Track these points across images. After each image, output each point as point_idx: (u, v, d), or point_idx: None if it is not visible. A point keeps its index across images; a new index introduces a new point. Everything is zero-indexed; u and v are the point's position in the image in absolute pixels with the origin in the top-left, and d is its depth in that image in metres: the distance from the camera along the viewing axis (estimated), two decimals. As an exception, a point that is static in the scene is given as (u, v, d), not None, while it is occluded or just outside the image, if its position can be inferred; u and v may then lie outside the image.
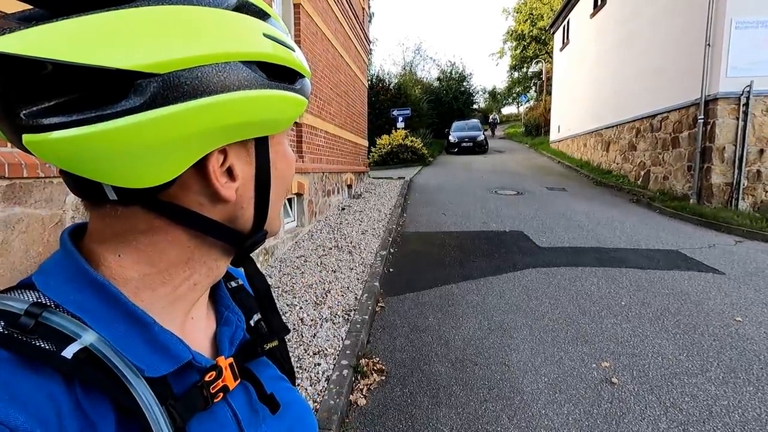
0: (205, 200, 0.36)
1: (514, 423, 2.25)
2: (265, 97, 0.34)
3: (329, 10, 7.20)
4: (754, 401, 2.37)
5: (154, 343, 0.36)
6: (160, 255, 0.36)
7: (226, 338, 0.45)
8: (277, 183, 0.41)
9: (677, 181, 8.50)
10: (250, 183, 0.38)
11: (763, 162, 7.11)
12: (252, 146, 0.38)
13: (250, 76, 0.33)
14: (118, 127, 0.29)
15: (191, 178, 0.35)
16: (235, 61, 0.32)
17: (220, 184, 0.35)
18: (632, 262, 4.70)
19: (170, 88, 0.30)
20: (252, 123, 0.35)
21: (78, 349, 0.31)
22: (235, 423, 0.40)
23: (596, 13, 13.23)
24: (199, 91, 0.30)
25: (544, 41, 30.02)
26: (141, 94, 0.29)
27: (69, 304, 0.34)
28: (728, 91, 7.10)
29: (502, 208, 7.73)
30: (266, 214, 0.41)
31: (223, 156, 0.36)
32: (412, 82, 23.53)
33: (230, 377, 0.41)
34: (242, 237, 0.40)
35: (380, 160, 15.44)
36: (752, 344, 2.96)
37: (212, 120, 0.32)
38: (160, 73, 0.29)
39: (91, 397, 0.32)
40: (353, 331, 3.07)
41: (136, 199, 0.34)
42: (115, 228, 0.36)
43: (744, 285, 4.05)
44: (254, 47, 0.34)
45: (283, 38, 0.37)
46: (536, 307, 3.62)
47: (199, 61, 0.30)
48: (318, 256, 4.79)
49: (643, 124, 9.95)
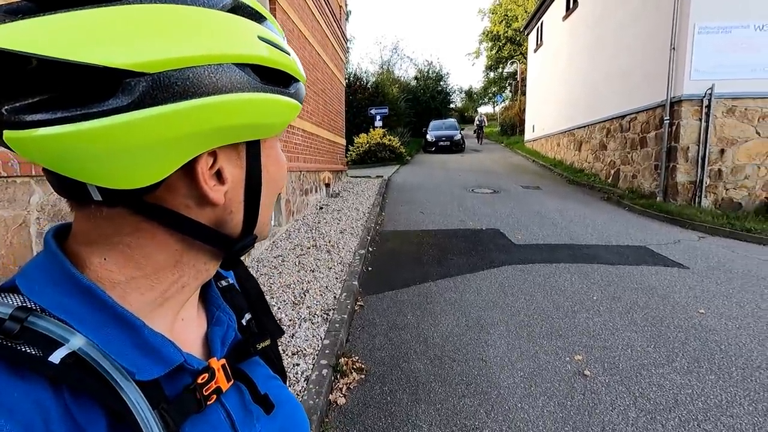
0: (193, 203, 0.35)
1: (492, 417, 2.29)
2: (258, 100, 0.34)
3: (306, 7, 7.14)
4: (715, 389, 2.49)
5: (144, 347, 0.35)
6: (147, 258, 0.36)
7: (218, 339, 0.44)
8: (268, 187, 0.40)
9: (645, 180, 8.82)
10: (240, 187, 0.38)
11: (723, 161, 7.46)
12: (243, 149, 0.37)
13: (244, 79, 0.33)
14: (104, 126, 0.28)
15: (179, 180, 0.34)
16: (229, 63, 0.32)
17: (208, 187, 0.35)
18: (603, 258, 4.85)
19: (160, 88, 0.29)
20: (244, 126, 0.34)
21: (66, 354, 0.31)
22: (229, 424, 0.40)
23: (568, 15, 13.57)
24: (190, 93, 0.30)
25: (518, 42, 30.61)
26: (129, 94, 0.28)
27: (55, 307, 0.33)
28: (692, 93, 7.42)
29: (479, 206, 7.84)
30: (256, 218, 0.40)
31: (213, 158, 0.35)
32: (389, 81, 23.58)
33: (223, 379, 0.40)
34: (231, 241, 0.39)
35: (358, 158, 15.41)
36: (714, 335, 3.12)
37: (202, 122, 0.31)
38: (150, 73, 0.29)
39: (81, 403, 0.31)
40: (332, 330, 3.06)
41: (122, 200, 0.33)
42: (101, 230, 0.35)
43: (706, 279, 4.25)
44: (248, 50, 0.33)
45: (279, 42, 0.37)
46: (512, 303, 3.70)
47: (191, 61, 0.30)
48: (296, 256, 4.75)
49: (613, 124, 10.28)
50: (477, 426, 2.23)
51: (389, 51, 45.06)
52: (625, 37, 9.68)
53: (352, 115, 16.30)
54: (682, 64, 7.48)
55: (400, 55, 44.53)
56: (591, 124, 11.63)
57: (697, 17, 7.29)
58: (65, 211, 2.23)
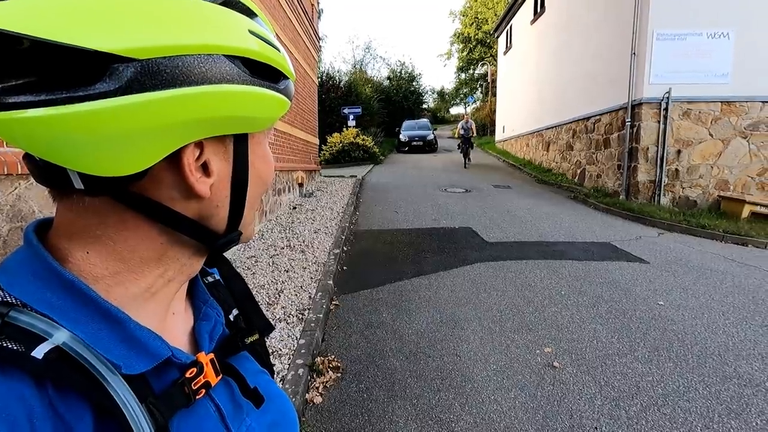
0: (178, 195, 0.35)
1: (466, 410, 2.35)
2: (246, 93, 0.33)
3: (278, 5, 7.05)
4: (674, 376, 2.64)
5: (130, 341, 0.34)
6: (131, 252, 0.35)
7: (205, 333, 0.44)
8: (255, 184, 0.40)
9: (609, 179, 9.20)
10: (226, 181, 0.37)
11: (680, 161, 7.88)
12: (230, 143, 0.36)
13: (233, 71, 0.32)
14: (89, 111, 0.27)
15: (164, 170, 0.33)
16: (218, 54, 0.32)
17: (194, 178, 0.34)
18: (570, 255, 5.04)
19: (148, 75, 0.29)
20: (231, 118, 0.34)
21: (49, 349, 0.30)
22: (218, 418, 0.40)
23: (536, 20, 13.97)
24: (179, 81, 0.30)
25: (489, 44, 31.23)
26: (117, 79, 0.28)
27: (38, 302, 0.32)
28: (651, 96, 7.80)
29: (452, 205, 7.97)
30: (242, 214, 0.39)
31: (199, 150, 0.34)
32: (362, 81, 23.59)
33: (212, 373, 0.40)
34: (215, 236, 0.39)
35: (332, 158, 15.34)
36: (672, 325, 3.30)
37: (189, 111, 0.31)
38: (139, 59, 0.28)
39: (66, 398, 0.30)
40: (308, 330, 3.05)
41: (105, 189, 0.32)
42: (83, 222, 0.34)
43: (665, 272, 4.49)
44: (239, 42, 0.33)
45: (269, 37, 0.37)
46: (485, 299, 3.79)
47: (181, 50, 0.30)
48: (269, 256, 4.69)
49: (579, 125, 10.67)
50: (452, 419, 2.28)
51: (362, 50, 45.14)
52: (589, 42, 10.06)
53: (325, 115, 16.20)
54: (642, 69, 7.85)
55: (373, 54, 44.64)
56: (558, 126, 12.02)
57: (655, 24, 7.67)
58: (25, 212, 2.13)
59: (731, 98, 7.64)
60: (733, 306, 3.66)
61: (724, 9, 7.48)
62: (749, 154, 7.76)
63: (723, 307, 3.64)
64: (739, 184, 7.81)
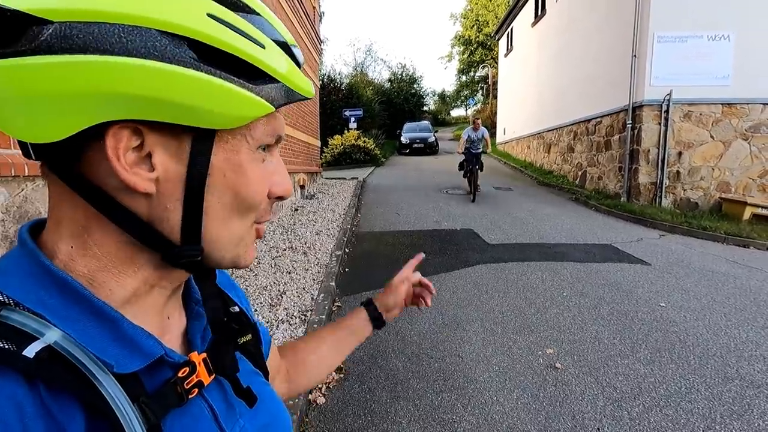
0: (119, 185, 0.32)
1: (468, 411, 2.36)
2: (185, 76, 0.30)
3: (279, 7, 7.09)
4: (675, 377, 2.65)
5: (123, 340, 0.34)
6: (100, 248, 0.34)
7: (197, 333, 0.44)
8: (220, 193, 0.35)
9: (610, 181, 9.21)
10: (179, 181, 0.34)
11: (681, 163, 7.89)
12: (188, 141, 0.33)
13: (167, 49, 0.30)
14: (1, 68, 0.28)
15: (97, 152, 0.32)
16: (148, 28, 0.29)
17: (121, 165, 0.31)
18: (572, 256, 5.04)
19: (59, 38, 0.28)
20: (165, 103, 0.30)
21: (41, 348, 0.29)
22: (211, 418, 0.39)
23: (537, 22, 14.00)
24: (91, 48, 0.28)
25: (489, 47, 31.31)
26: (31, 40, 0.28)
27: (30, 301, 0.31)
28: (652, 98, 7.81)
29: (453, 207, 7.98)
30: (199, 224, 0.35)
31: (140, 140, 0.32)
32: (363, 83, 23.66)
33: (204, 372, 0.39)
34: (170, 244, 0.35)
35: (333, 160, 15.37)
36: (674, 326, 3.30)
37: (102, 82, 0.29)
38: (52, 21, 0.28)
39: (57, 398, 0.30)
40: (310, 331, 3.06)
41: (50, 163, 0.34)
42: (61, 208, 0.35)
43: (666, 274, 4.49)
44: (184, 21, 0.30)
45: (254, 33, 0.34)
46: (487, 300, 3.80)
47: (100, 16, 0.28)
48: (272, 258, 4.70)
49: (580, 127, 10.68)
50: (455, 420, 2.29)
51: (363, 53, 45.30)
52: (590, 44, 10.08)
53: (326, 117, 16.25)
54: (642, 71, 7.86)
55: (374, 57, 44.71)
56: (559, 128, 12.04)
57: (656, 27, 7.69)
58: (31, 213, 2.15)
59: (732, 100, 7.65)
60: (734, 308, 3.66)
61: (724, 11, 7.50)
62: (750, 156, 7.76)
63: (725, 308, 3.65)
64: (740, 185, 7.81)
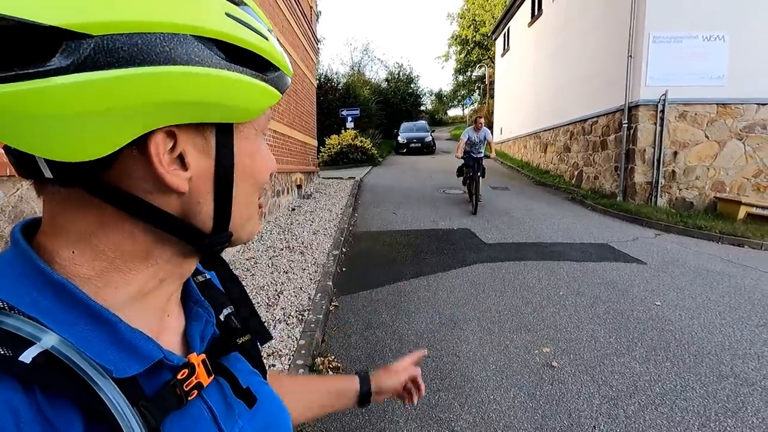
0: (152, 188, 0.33)
1: (465, 409, 2.37)
2: (220, 77, 0.31)
3: (276, 8, 7.08)
4: (671, 375, 2.67)
5: (121, 343, 0.33)
6: (114, 249, 0.34)
7: (196, 334, 0.43)
8: (243, 181, 0.38)
9: (606, 181, 9.25)
10: (208, 176, 0.35)
11: (677, 163, 7.93)
12: (212, 136, 0.34)
13: (203, 53, 0.30)
14: (40, 89, 0.26)
15: (133, 160, 0.31)
16: (186, 34, 0.30)
17: (164, 169, 0.32)
18: (568, 255, 5.06)
19: (103, 52, 0.27)
20: (203, 104, 0.31)
21: (37, 353, 0.29)
22: (211, 419, 0.39)
23: (533, 22, 14.04)
24: (137, 60, 0.28)
25: (486, 47, 31.36)
26: (69, 56, 0.26)
27: (25, 305, 0.31)
28: (648, 98, 7.85)
29: (451, 206, 8.00)
30: (229, 213, 0.37)
31: (173, 141, 0.32)
32: (360, 83, 23.67)
33: (203, 374, 0.39)
34: (201, 235, 0.37)
35: (330, 160, 15.36)
36: (669, 325, 3.33)
37: (150, 93, 0.29)
38: (93, 35, 0.27)
39: (55, 403, 0.30)
40: (308, 330, 3.06)
41: (75, 178, 0.31)
42: (65, 217, 0.33)
43: (662, 273, 4.52)
44: (211, 24, 0.31)
45: (255, 24, 0.35)
46: (483, 300, 3.81)
47: (141, 27, 0.28)
48: (269, 258, 4.70)
49: (576, 127, 10.72)
50: (452, 419, 2.30)
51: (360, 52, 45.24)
52: (586, 44, 10.12)
53: (323, 116, 16.23)
54: (638, 71, 7.90)
55: (371, 56, 44.77)
56: (555, 127, 12.08)
57: (651, 27, 7.73)
58: (27, 213, 2.14)
59: (727, 100, 7.70)
60: (729, 306, 3.69)
61: (719, 12, 7.54)
62: (745, 155, 7.81)
63: (719, 307, 3.67)
64: (735, 185, 7.86)
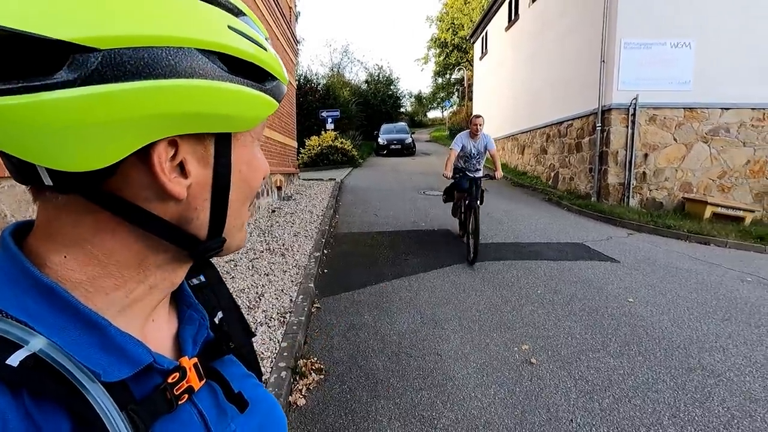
0: (152, 195, 0.33)
1: (448, 407, 2.40)
2: (223, 90, 0.32)
3: (255, 7, 7.01)
4: (643, 368, 2.77)
5: (110, 347, 0.33)
6: (109, 256, 0.34)
7: (189, 337, 0.43)
8: (239, 189, 0.38)
9: (581, 182, 9.51)
10: (206, 183, 0.35)
11: (647, 165, 8.23)
12: (211, 144, 0.35)
13: (207, 66, 0.31)
14: (47, 101, 0.26)
15: (135, 168, 0.32)
16: (190, 48, 0.30)
17: (166, 177, 0.32)
18: (545, 255, 5.18)
19: (110, 66, 0.27)
20: (206, 116, 0.32)
21: (25, 356, 0.29)
22: (201, 424, 0.39)
23: (510, 27, 14.32)
24: (144, 73, 0.28)
25: (465, 50, 31.76)
26: (77, 69, 0.27)
27: (13, 308, 0.31)
28: (620, 102, 8.13)
29: (431, 207, 8.07)
30: (224, 219, 0.38)
31: (174, 149, 0.33)
32: (340, 84, 23.62)
33: (195, 378, 0.39)
34: (196, 241, 0.37)
35: (310, 161, 15.27)
36: (641, 321, 3.45)
37: (156, 106, 0.29)
38: (100, 49, 0.27)
39: (42, 407, 0.29)
40: (290, 332, 3.05)
41: (75, 186, 0.31)
42: (59, 223, 0.33)
43: (634, 271, 4.68)
44: (215, 37, 0.32)
45: (255, 36, 0.35)
46: (464, 299, 3.87)
47: (147, 41, 0.28)
48: (249, 260, 4.64)
49: (552, 130, 10.99)
50: (434, 416, 2.33)
51: (339, 54, 45.05)
52: (562, 49, 10.39)
53: (303, 118, 16.13)
54: (611, 76, 8.17)
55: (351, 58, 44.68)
56: (532, 130, 12.34)
57: (622, 34, 8.00)
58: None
59: (693, 105, 8.05)
60: (696, 302, 3.86)
61: (686, 20, 7.88)
62: (710, 157, 8.17)
63: (688, 303, 3.83)
64: (701, 186, 8.21)
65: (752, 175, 8.19)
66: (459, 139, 5.40)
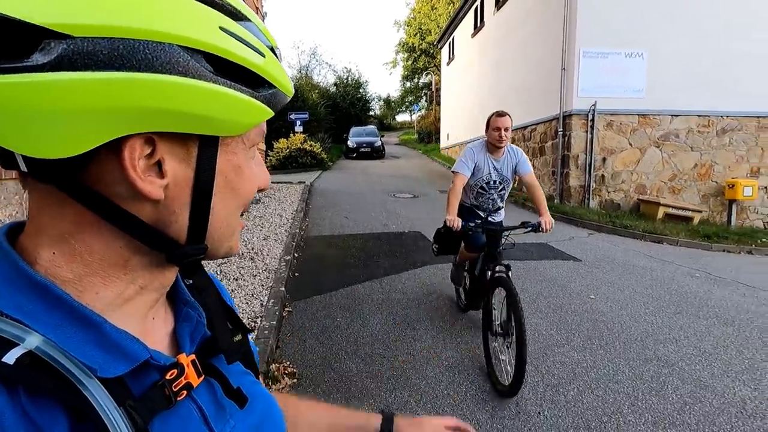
0: (126, 193, 0.32)
1: (421, 405, 2.44)
2: (204, 89, 0.31)
3: (221, 6, 6.87)
4: (604, 361, 2.92)
5: (106, 344, 0.33)
6: (91, 254, 0.34)
7: (186, 334, 0.43)
8: (224, 196, 0.37)
9: (545, 184, 9.85)
10: (186, 187, 0.35)
11: (605, 168, 8.65)
12: (194, 147, 0.34)
13: (189, 64, 0.30)
14: (15, 84, 0.26)
15: (108, 163, 0.31)
16: (171, 44, 0.30)
17: (137, 175, 0.32)
18: (512, 255, 5.32)
19: (81, 54, 0.27)
20: (183, 114, 0.31)
21: (21, 354, 0.29)
22: (201, 419, 0.39)
23: (476, 33, 14.69)
24: (116, 64, 0.28)
25: (432, 54, 32.25)
26: (47, 54, 0.27)
27: (8, 307, 0.31)
28: (580, 108, 8.50)
29: (401, 210, 8.14)
30: (205, 225, 0.37)
31: (151, 148, 0.32)
32: (309, 86, 23.40)
33: (193, 374, 0.39)
34: (173, 245, 0.36)
35: (278, 164, 15.04)
36: (602, 316, 3.63)
37: (127, 98, 0.29)
38: (73, 36, 0.27)
39: (39, 404, 0.29)
40: (261, 337, 3.00)
41: (49, 175, 0.31)
42: (46, 217, 0.33)
43: (595, 269, 4.91)
44: (202, 36, 0.31)
45: (256, 43, 0.35)
46: (435, 300, 3.94)
47: (124, 33, 0.28)
48: (216, 264, 4.53)
49: (517, 134, 11.33)
50: (408, 415, 2.36)
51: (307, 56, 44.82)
52: (525, 56, 10.77)
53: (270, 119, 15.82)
54: (571, 83, 8.54)
55: (319, 60, 44.24)
56: (498, 134, 12.66)
57: (582, 43, 8.39)
58: None
59: (646, 111, 8.53)
60: (652, 297, 4.09)
61: (640, 31, 8.35)
62: (662, 161, 8.68)
63: (644, 298, 4.06)
64: (654, 188, 8.71)
65: (699, 178, 8.76)
66: (469, 153, 3.25)
